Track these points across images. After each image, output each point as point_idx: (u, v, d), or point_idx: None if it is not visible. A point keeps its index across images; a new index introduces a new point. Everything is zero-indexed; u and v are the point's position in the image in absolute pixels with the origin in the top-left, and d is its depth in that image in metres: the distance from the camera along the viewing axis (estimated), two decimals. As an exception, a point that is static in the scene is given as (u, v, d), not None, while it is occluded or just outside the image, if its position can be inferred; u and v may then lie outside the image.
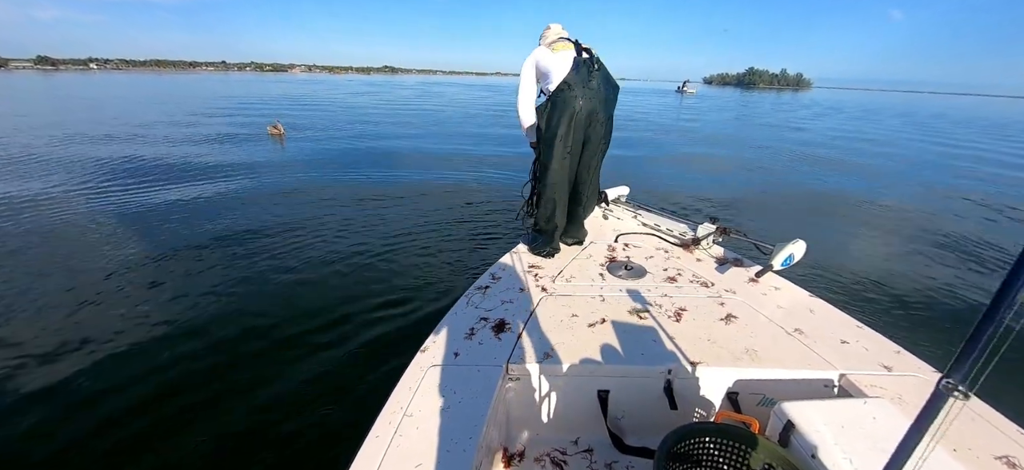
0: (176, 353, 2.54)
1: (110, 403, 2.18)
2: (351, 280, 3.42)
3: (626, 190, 3.09)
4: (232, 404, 2.16)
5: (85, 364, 2.44)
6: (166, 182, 6.40)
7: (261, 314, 2.93)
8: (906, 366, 1.43)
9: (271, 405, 2.16)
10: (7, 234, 4.31)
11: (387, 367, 2.39)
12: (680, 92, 53.08)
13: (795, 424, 1.06)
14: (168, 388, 2.28)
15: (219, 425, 2.05)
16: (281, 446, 1.95)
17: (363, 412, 2.01)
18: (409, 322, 2.87)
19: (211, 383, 2.30)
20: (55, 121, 13.37)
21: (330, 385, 2.30)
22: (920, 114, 31.52)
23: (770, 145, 12.17)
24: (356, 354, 2.54)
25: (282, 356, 2.51)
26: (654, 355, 1.45)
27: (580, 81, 2.08)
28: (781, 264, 1.99)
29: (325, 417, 2.11)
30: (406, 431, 1.12)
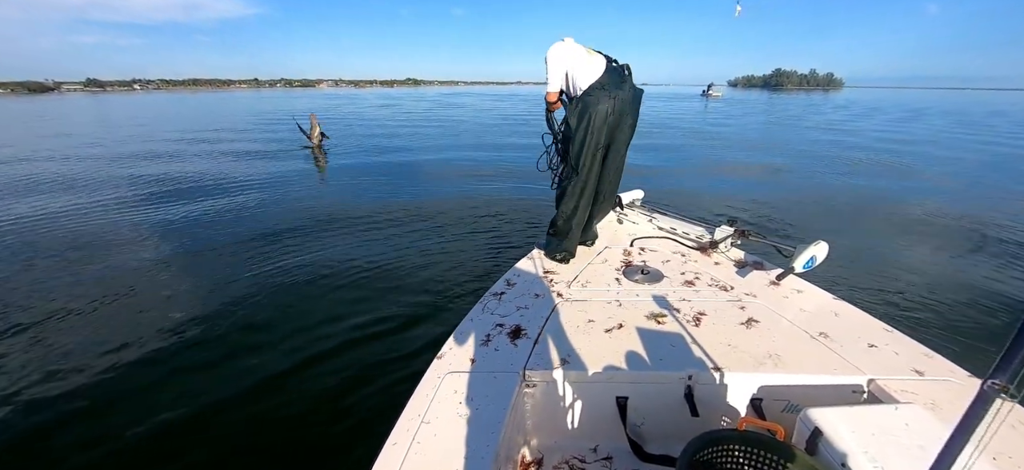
0: (194, 356, 2.65)
1: (130, 406, 2.29)
2: (366, 288, 3.49)
3: (641, 194, 3.06)
4: (249, 411, 2.22)
5: (107, 364, 2.58)
6: (191, 193, 6.73)
7: (275, 320, 3.02)
8: (939, 370, 1.36)
9: (288, 413, 2.21)
10: (53, 236, 4.63)
11: (403, 374, 2.43)
12: (705, 96, 51.83)
13: (823, 431, 1.02)
14: (186, 390, 2.37)
15: (236, 432, 2.11)
16: (299, 453, 2.00)
17: (380, 419, 2.08)
18: (424, 329, 2.90)
19: (227, 387, 2.38)
20: (111, 136, 14.55)
21: (346, 392, 2.34)
22: (974, 113, 28.60)
23: (815, 151, 11.10)
24: (371, 361, 2.58)
25: (297, 363, 2.58)
26: (674, 360, 1.42)
27: (613, 83, 2.10)
28: (803, 266, 1.93)
29: (342, 424, 2.15)
30: (424, 438, 1.13)
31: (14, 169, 8.83)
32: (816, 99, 52.15)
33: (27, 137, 14.79)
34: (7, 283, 3.72)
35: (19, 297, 3.45)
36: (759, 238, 2.27)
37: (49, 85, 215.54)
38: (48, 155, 10.71)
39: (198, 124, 19.01)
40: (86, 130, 16.97)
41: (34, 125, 19.94)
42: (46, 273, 3.88)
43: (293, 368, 2.53)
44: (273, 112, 27.07)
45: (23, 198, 6.50)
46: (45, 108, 36.36)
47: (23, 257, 4.26)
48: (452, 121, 19.34)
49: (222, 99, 55.80)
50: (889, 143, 12.90)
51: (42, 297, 3.42)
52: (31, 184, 7.47)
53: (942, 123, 20.66)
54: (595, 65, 2.13)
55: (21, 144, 12.86)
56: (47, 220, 5.44)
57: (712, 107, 32.39)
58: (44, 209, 5.91)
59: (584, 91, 2.11)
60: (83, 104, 44.98)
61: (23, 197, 6.55)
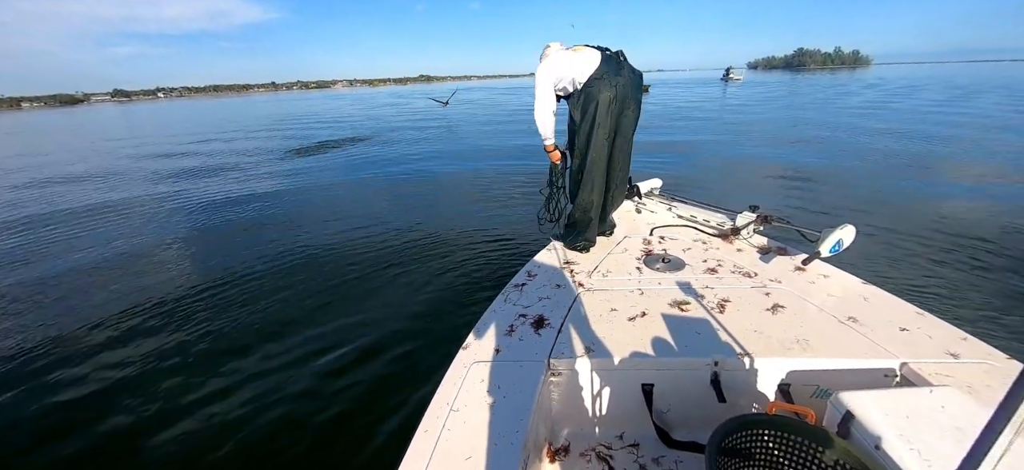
0: (221, 347, 2.78)
1: (171, 393, 2.42)
2: (389, 283, 3.57)
3: (659, 183, 3.02)
4: (281, 406, 2.29)
5: (136, 356, 2.73)
6: (208, 195, 7.00)
7: (295, 316, 3.12)
8: (975, 353, 1.32)
9: (319, 405, 2.28)
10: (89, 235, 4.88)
11: (428, 365, 2.48)
12: (725, 80, 50.18)
13: (855, 415, 1.01)
14: (216, 378, 2.48)
15: (265, 423, 2.19)
16: (331, 440, 2.07)
17: (408, 408, 2.15)
18: (447, 321, 2.95)
19: (255, 382, 2.47)
20: (139, 140, 15.42)
21: (373, 384, 2.40)
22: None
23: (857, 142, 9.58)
24: (397, 353, 2.64)
25: (319, 356, 2.66)
26: (699, 347, 1.42)
27: (611, 71, 2.10)
28: (829, 251, 1.88)
29: (371, 413, 2.21)
30: (453, 426, 1.16)
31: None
32: (841, 79, 49.17)
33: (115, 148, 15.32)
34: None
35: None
36: (783, 223, 2.22)
37: (79, 97, 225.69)
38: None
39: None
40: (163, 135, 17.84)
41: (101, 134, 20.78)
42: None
43: (313, 364, 2.60)
44: (308, 115, 27.36)
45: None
46: (95, 118, 37.66)
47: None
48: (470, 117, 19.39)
49: (251, 103, 57.21)
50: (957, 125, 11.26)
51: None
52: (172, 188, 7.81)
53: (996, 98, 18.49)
54: (589, 59, 2.14)
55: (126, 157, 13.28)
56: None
57: (732, 91, 31.13)
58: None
59: (584, 84, 2.12)
60: (115, 114, 46.63)
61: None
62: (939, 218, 4.60)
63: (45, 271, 4.27)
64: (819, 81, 43.49)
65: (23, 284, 4.00)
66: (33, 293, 3.80)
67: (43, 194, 7.87)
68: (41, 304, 3.59)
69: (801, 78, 53.03)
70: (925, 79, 41.18)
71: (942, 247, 3.85)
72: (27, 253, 4.82)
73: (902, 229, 4.30)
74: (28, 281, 4.06)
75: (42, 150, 15.19)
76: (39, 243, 5.14)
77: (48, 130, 26.75)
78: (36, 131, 26.43)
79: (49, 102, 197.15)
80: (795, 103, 20.26)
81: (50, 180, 9.25)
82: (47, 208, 6.78)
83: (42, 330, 3.16)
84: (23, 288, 3.92)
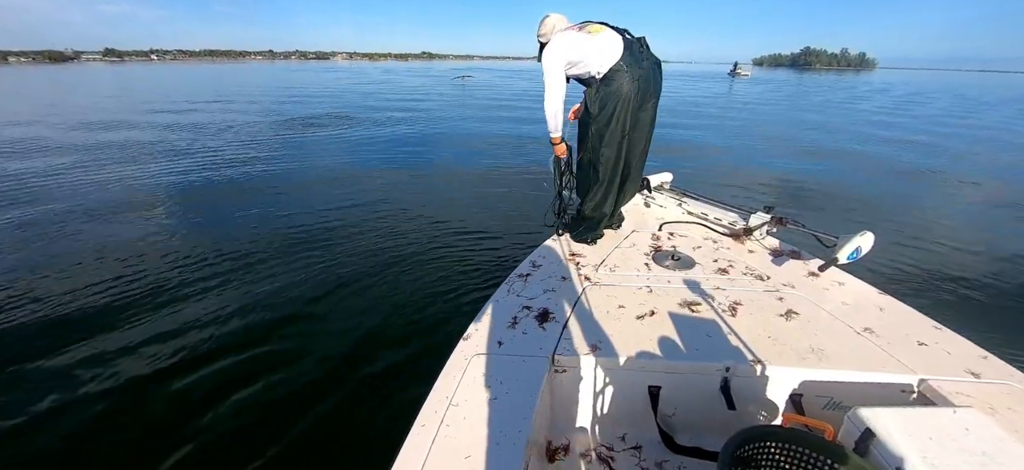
0: (217, 335, 2.65)
1: (182, 374, 2.34)
2: (388, 268, 3.46)
3: (669, 176, 2.95)
4: (269, 396, 2.21)
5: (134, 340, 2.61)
6: (215, 166, 6.81)
7: (290, 302, 3.00)
8: (996, 373, 1.28)
9: (308, 394, 2.20)
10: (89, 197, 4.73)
11: (427, 355, 2.42)
12: (733, 75, 49.72)
13: (875, 433, 0.97)
14: (214, 370, 2.37)
15: (256, 415, 2.10)
16: (322, 434, 1.99)
17: (404, 398, 2.06)
18: (448, 309, 2.88)
19: (253, 368, 2.38)
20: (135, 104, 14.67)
21: (367, 376, 2.33)
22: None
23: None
24: (394, 341, 2.57)
25: (314, 343, 2.58)
26: (710, 351, 1.38)
27: (634, 62, 1.95)
28: (847, 258, 1.83)
29: (365, 404, 2.14)
30: (452, 421, 1.11)
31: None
32: (847, 81, 48.80)
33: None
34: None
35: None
36: (798, 226, 2.16)
37: (69, 54, 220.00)
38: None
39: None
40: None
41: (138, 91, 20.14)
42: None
43: (306, 350, 2.52)
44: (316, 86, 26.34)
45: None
46: (99, 75, 36.46)
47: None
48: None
49: (240, 71, 55.73)
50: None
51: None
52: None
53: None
54: (610, 44, 1.93)
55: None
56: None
57: (741, 88, 30.35)
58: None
59: (604, 75, 1.95)
60: (106, 74, 45.38)
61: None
62: (960, 232, 4.53)
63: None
64: (826, 82, 42.73)
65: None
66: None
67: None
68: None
69: (808, 77, 52.29)
70: (931, 87, 40.40)
71: (963, 262, 3.79)
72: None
73: (921, 241, 4.24)
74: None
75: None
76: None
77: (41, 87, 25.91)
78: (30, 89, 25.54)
79: (37, 58, 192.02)
80: (807, 104, 19.54)
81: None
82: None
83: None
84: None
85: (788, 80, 45.48)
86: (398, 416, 1.95)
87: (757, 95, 24.55)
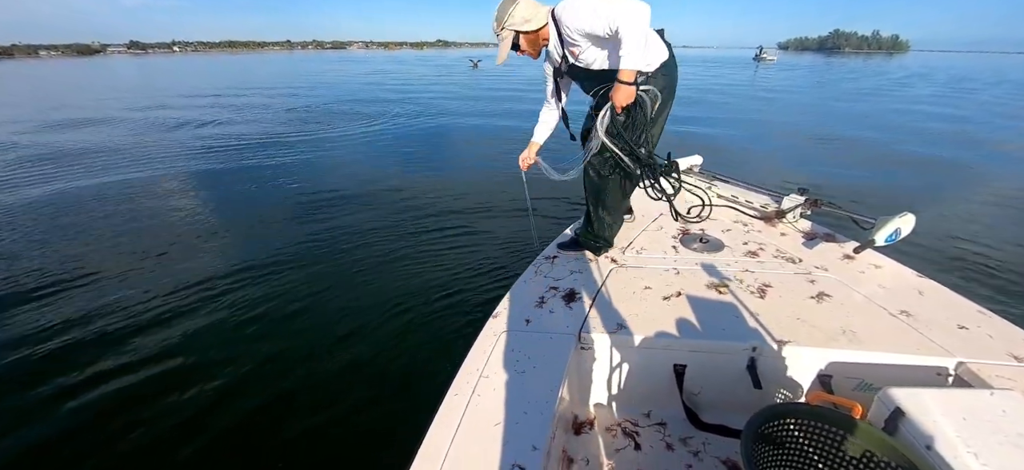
0: (249, 317, 2.70)
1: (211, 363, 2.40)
2: (415, 250, 3.51)
3: (699, 159, 2.90)
4: (308, 369, 2.26)
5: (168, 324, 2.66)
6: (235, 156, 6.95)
7: (319, 282, 3.06)
8: None
9: (344, 367, 2.26)
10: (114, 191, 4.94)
11: (457, 333, 2.45)
12: (757, 60, 47.52)
13: (905, 412, 0.96)
14: (244, 353, 2.40)
15: (293, 385, 2.17)
16: (358, 404, 2.05)
17: (433, 373, 2.11)
18: (476, 289, 2.89)
19: (287, 348, 2.42)
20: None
21: (402, 348, 2.38)
22: None
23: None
24: (424, 320, 2.61)
25: (347, 321, 2.62)
26: (736, 331, 1.38)
27: (671, 52, 1.74)
28: (885, 240, 1.78)
29: (398, 375, 2.20)
30: (483, 392, 1.15)
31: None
32: (876, 64, 44.68)
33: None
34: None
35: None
36: (834, 208, 2.10)
37: (96, 47, 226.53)
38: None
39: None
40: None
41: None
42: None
43: (341, 327, 2.58)
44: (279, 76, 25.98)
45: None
46: (127, 69, 36.86)
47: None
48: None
49: (258, 62, 56.12)
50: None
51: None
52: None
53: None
54: (655, 36, 1.67)
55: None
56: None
57: (765, 74, 28.01)
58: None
59: (657, 69, 1.66)
60: (132, 67, 46.33)
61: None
62: (1011, 218, 4.23)
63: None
64: (858, 67, 38.51)
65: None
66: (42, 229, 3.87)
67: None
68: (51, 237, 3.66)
69: (837, 62, 48.46)
70: (970, 69, 36.82)
71: (1014, 250, 3.52)
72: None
73: (975, 226, 3.91)
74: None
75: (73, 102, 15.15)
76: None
77: (75, 80, 26.69)
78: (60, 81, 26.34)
79: (66, 51, 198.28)
80: (842, 92, 17.21)
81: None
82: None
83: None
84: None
85: (816, 65, 42.71)
86: (427, 387, 2.01)
87: (785, 82, 22.26)
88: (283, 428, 1.93)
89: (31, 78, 29.49)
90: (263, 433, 1.93)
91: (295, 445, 1.85)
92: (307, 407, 2.04)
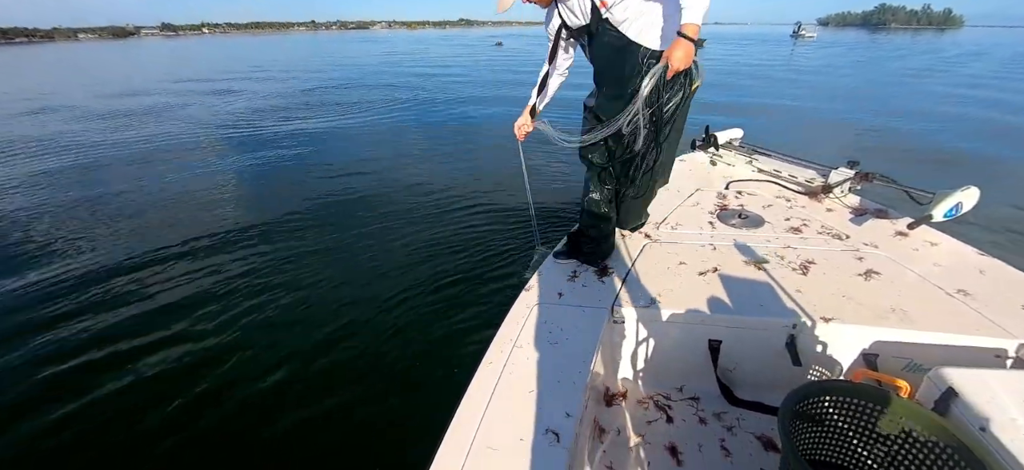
0: (291, 293, 2.73)
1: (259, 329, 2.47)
2: (448, 229, 3.51)
3: (739, 133, 2.78)
4: (349, 339, 2.31)
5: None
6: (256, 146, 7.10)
7: (362, 257, 3.12)
8: None
9: (378, 346, 2.27)
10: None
11: (489, 305, 2.45)
12: (795, 36, 44.33)
13: (959, 392, 0.92)
14: (295, 328, 2.43)
15: (343, 354, 2.20)
16: (398, 370, 2.08)
17: (468, 341, 2.11)
18: (508, 263, 2.89)
19: (330, 323, 2.44)
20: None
21: (436, 317, 2.40)
22: None
23: None
24: (456, 293, 2.63)
25: (383, 292, 2.65)
26: (775, 308, 1.34)
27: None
28: (944, 215, 1.67)
29: (432, 343, 2.21)
30: (517, 361, 1.16)
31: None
32: (929, 41, 40.49)
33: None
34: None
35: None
36: (887, 182, 1.99)
37: (130, 30, 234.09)
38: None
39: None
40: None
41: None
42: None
43: (375, 298, 2.61)
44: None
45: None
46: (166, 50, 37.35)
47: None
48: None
49: (281, 42, 56.50)
50: None
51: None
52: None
53: None
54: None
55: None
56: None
57: (803, 52, 25.48)
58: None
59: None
60: (163, 48, 47.43)
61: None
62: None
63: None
64: (905, 44, 34.56)
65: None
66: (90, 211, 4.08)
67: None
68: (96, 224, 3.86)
69: (882, 39, 44.69)
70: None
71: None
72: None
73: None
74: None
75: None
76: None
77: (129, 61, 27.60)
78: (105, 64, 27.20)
79: (102, 34, 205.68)
80: (889, 72, 14.82)
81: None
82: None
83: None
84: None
85: (860, 41, 39.70)
86: (461, 354, 2.03)
87: (824, 61, 19.94)
88: (308, 405, 1.94)
89: (83, 60, 30.61)
90: (289, 409, 1.94)
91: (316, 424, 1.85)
92: (343, 381, 2.06)
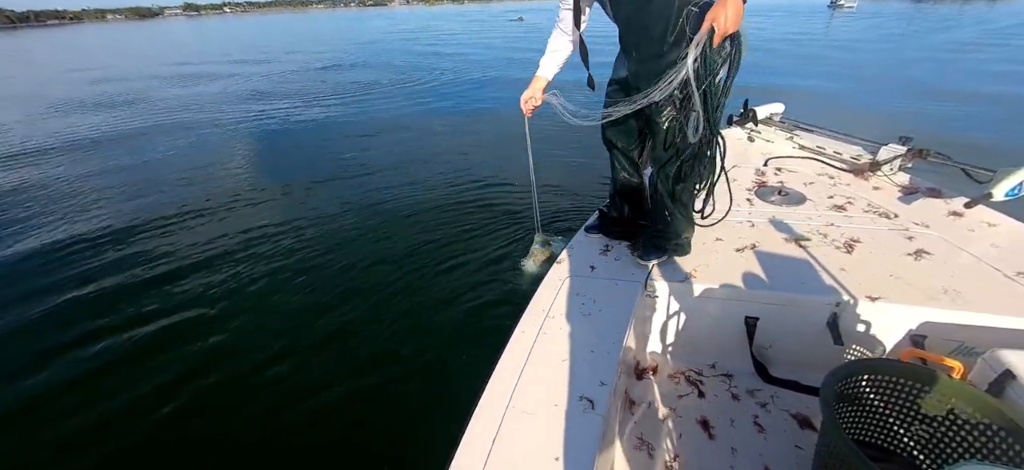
0: (317, 278, 2.71)
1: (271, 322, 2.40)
2: (483, 203, 3.52)
3: (780, 108, 2.65)
4: (389, 310, 2.33)
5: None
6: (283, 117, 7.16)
7: (392, 233, 3.14)
8: None
9: (420, 320, 2.28)
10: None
11: (521, 277, 2.42)
12: (833, 8, 40.92)
13: (1016, 374, 0.88)
14: (326, 308, 2.42)
15: (368, 339, 2.19)
16: (437, 335, 2.10)
17: (499, 310, 2.11)
18: (506, 245, 2.84)
19: (370, 295, 2.47)
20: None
21: (469, 287, 2.41)
22: None
23: None
24: (488, 263, 2.63)
25: (421, 268, 2.66)
26: (816, 286, 1.29)
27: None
28: (1006, 194, 1.56)
29: (470, 310, 2.21)
30: (550, 330, 1.16)
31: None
32: (982, 11, 35.96)
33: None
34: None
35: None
36: (942, 159, 1.88)
37: (154, 10, 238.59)
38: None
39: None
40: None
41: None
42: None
43: (415, 274, 2.62)
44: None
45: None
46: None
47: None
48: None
49: (302, 21, 56.07)
50: None
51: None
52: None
53: None
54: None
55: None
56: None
57: (842, 23, 22.92)
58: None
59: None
60: (188, 28, 47.85)
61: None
62: None
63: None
64: (952, 15, 28.49)
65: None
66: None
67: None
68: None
69: (928, 8, 39.99)
70: None
71: None
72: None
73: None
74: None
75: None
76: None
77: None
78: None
79: (128, 15, 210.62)
80: (940, 43, 12.86)
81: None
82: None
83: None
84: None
85: (903, 11, 36.04)
86: (493, 322, 2.02)
87: (866, 32, 17.25)
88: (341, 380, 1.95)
89: (133, 40, 30.85)
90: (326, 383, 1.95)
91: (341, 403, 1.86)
92: (344, 371, 2.04)
